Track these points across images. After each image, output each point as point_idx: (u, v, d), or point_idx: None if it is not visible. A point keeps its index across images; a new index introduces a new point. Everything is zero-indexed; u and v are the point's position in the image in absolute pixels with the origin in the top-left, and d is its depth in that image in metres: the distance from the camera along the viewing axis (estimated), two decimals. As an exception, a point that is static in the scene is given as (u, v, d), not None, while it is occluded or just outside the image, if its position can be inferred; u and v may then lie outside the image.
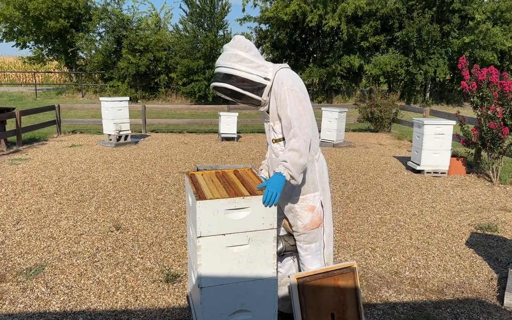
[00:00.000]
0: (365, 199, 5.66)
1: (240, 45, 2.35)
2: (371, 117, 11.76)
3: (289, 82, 2.30)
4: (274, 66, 2.40)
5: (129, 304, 3.05)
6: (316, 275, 2.38)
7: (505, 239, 4.38)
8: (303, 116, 2.27)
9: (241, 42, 2.36)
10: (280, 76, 2.33)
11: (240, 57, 2.31)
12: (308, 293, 2.35)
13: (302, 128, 2.25)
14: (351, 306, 2.46)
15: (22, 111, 9.35)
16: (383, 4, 19.85)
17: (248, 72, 2.29)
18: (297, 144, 2.22)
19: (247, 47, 2.35)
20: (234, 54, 2.31)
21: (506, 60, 21.69)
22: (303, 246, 2.48)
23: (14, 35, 22.84)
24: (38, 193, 5.64)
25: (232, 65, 2.29)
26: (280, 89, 2.29)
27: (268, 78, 2.33)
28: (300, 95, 2.30)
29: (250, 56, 2.33)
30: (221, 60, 2.35)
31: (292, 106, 2.26)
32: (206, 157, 8.24)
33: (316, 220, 2.45)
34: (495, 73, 6.40)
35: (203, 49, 19.47)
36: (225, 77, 2.30)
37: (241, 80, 2.29)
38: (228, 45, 2.38)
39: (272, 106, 2.38)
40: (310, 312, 2.34)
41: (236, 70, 2.28)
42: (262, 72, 2.33)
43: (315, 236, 2.48)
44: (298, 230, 2.46)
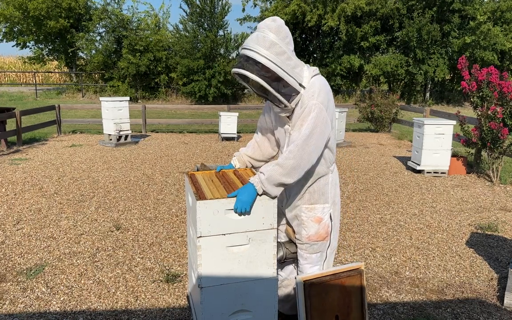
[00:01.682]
0: (365, 199, 5.66)
1: (282, 33, 1.98)
2: (371, 117, 11.76)
3: (321, 97, 2.03)
4: (308, 69, 2.12)
5: (129, 304, 3.05)
6: (323, 277, 2.35)
7: (505, 239, 4.38)
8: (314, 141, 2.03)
9: (283, 30, 1.99)
10: (313, 86, 2.07)
11: (281, 49, 1.96)
12: (314, 295, 2.33)
13: (304, 150, 2.01)
14: (356, 308, 2.44)
15: (22, 111, 9.35)
16: (383, 4, 19.85)
17: (285, 70, 1.98)
18: (288, 162, 2.02)
19: (288, 38, 2.00)
20: (274, 42, 1.95)
21: (506, 60, 21.69)
22: (303, 254, 2.39)
23: (14, 35, 22.84)
24: (38, 193, 5.64)
25: (270, 56, 1.93)
26: (309, 101, 2.03)
27: (303, 85, 2.05)
28: (324, 116, 2.04)
29: (290, 52, 2.01)
30: (254, 43, 1.96)
31: (310, 125, 2.01)
32: (206, 157, 8.23)
33: (322, 233, 2.32)
34: (495, 73, 6.40)
35: (203, 49, 19.47)
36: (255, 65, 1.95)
37: (274, 77, 1.99)
38: (266, 27, 1.98)
39: (296, 114, 2.12)
40: (315, 314, 2.33)
41: (274, 64, 1.94)
42: (298, 75, 2.04)
43: (318, 248, 2.36)
44: (302, 239, 2.35)
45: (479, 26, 19.27)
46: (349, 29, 19.65)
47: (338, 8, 19.16)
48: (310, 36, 22.47)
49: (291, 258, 2.48)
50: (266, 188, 2.03)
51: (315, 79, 2.11)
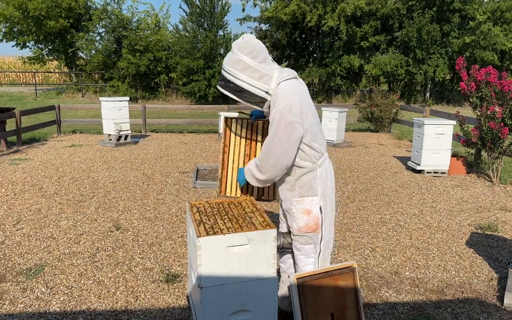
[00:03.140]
0: (365, 199, 5.66)
1: (247, 48, 2.22)
2: (371, 117, 11.76)
3: (282, 104, 2.19)
4: (279, 74, 2.27)
5: (129, 304, 3.05)
6: (316, 275, 2.38)
7: (505, 239, 4.38)
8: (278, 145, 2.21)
9: (249, 45, 2.23)
10: (278, 91, 2.24)
11: (244, 64, 2.21)
12: (308, 293, 2.34)
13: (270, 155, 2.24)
14: (351, 306, 2.46)
15: (22, 111, 9.35)
16: (383, 4, 19.85)
17: (249, 83, 2.22)
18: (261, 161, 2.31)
19: (254, 52, 2.23)
20: (238, 59, 2.21)
21: (506, 60, 21.70)
22: (297, 245, 2.49)
23: (14, 35, 22.85)
24: (38, 193, 5.64)
25: (234, 72, 2.21)
26: (271, 109, 2.27)
27: (269, 92, 2.24)
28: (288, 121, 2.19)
29: (256, 64, 2.22)
30: (225, 62, 2.26)
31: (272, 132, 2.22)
32: (206, 157, 8.24)
33: (312, 224, 2.40)
34: (494, 73, 6.40)
35: (203, 49, 19.47)
36: (226, 82, 2.26)
37: (239, 89, 2.24)
38: (236, 47, 2.25)
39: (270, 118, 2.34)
40: (309, 312, 2.34)
41: (237, 79, 2.22)
42: (265, 84, 2.23)
43: (309, 239, 2.43)
44: (293, 231, 2.46)
45: (479, 26, 19.28)
46: (349, 29, 19.65)
47: (338, 8, 19.16)
48: (310, 36, 22.48)
49: (288, 248, 2.57)
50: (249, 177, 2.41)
51: (281, 85, 2.24)
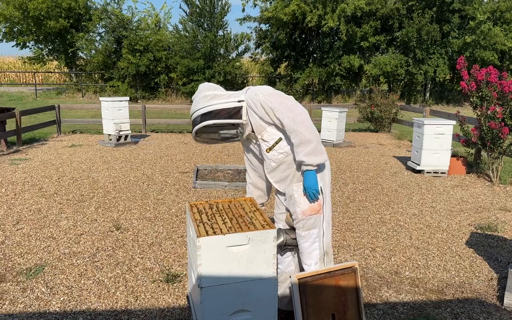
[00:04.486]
0: (365, 199, 5.66)
1: (206, 88, 2.55)
2: (371, 117, 11.76)
3: (262, 91, 2.48)
4: (242, 90, 2.57)
5: (129, 304, 3.05)
6: (317, 275, 2.38)
7: (505, 239, 4.38)
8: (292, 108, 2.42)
9: (206, 86, 2.57)
10: (250, 93, 2.50)
11: (210, 95, 2.49)
12: (309, 293, 2.34)
13: (295, 119, 2.39)
14: (352, 306, 2.46)
15: (22, 111, 9.35)
16: (383, 4, 19.84)
17: (221, 102, 2.47)
18: (298, 137, 2.38)
19: (213, 87, 2.56)
20: (203, 96, 2.49)
21: (506, 60, 21.70)
22: (301, 233, 2.51)
23: (14, 35, 22.81)
24: (38, 193, 5.64)
25: (205, 104, 2.45)
26: (256, 100, 2.45)
27: (241, 99, 2.49)
28: (275, 92, 2.48)
29: (219, 92, 2.53)
30: (193, 108, 2.50)
31: (278, 108, 2.41)
32: (206, 157, 8.24)
33: (315, 206, 2.49)
34: (494, 73, 6.40)
35: (203, 49, 19.47)
36: (202, 117, 2.45)
37: (217, 112, 2.45)
38: (197, 94, 2.56)
39: (254, 121, 2.49)
40: (311, 312, 2.34)
41: (211, 106, 2.45)
42: (234, 97, 2.51)
43: (314, 222, 2.51)
44: (297, 217, 2.50)
45: (479, 26, 19.28)
46: (349, 29, 19.63)
47: (338, 8, 19.15)
48: (310, 36, 22.46)
49: (291, 244, 2.58)
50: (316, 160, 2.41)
51: (249, 90, 2.54)
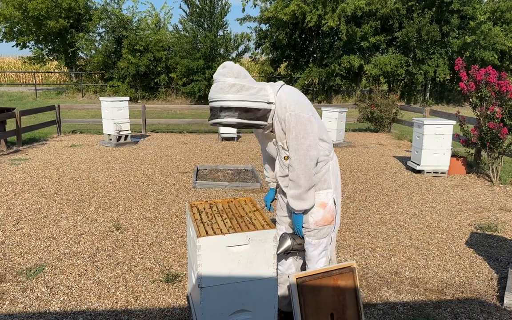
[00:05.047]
0: (365, 199, 5.66)
1: (234, 72, 2.22)
2: (371, 117, 11.76)
3: (291, 106, 2.25)
4: (272, 86, 2.32)
5: (129, 304, 3.05)
6: (315, 275, 2.38)
7: (505, 239, 4.38)
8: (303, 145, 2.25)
9: (234, 69, 2.23)
10: (281, 98, 2.28)
11: (238, 86, 2.19)
12: (308, 293, 2.35)
13: (300, 158, 2.25)
14: (350, 306, 2.46)
15: (22, 111, 9.34)
16: (383, 4, 19.85)
17: (251, 100, 2.20)
18: (293, 175, 2.29)
19: (241, 74, 2.23)
20: (230, 84, 2.18)
21: (506, 60, 21.70)
22: (312, 241, 2.48)
23: (14, 35, 22.81)
24: (38, 193, 5.64)
25: (231, 97, 2.17)
26: (283, 114, 2.25)
27: (271, 102, 2.27)
28: (303, 119, 2.25)
29: (247, 82, 2.23)
30: (216, 93, 2.20)
31: (293, 134, 2.25)
32: (206, 157, 8.24)
33: (328, 217, 2.45)
34: (493, 73, 6.40)
35: (203, 49, 19.47)
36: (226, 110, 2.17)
37: (245, 110, 2.19)
38: (221, 75, 2.23)
39: (277, 128, 2.33)
40: (309, 312, 2.34)
41: (239, 101, 2.17)
42: (264, 96, 2.25)
43: (326, 232, 2.49)
44: (310, 226, 2.46)
45: (479, 26, 19.28)
46: (349, 29, 19.64)
47: (338, 8, 19.16)
48: (310, 36, 22.47)
49: (296, 249, 2.54)
50: (298, 206, 2.34)
51: (281, 92, 2.31)
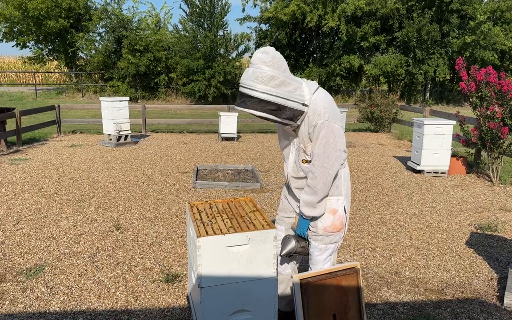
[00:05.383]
0: (365, 199, 5.66)
1: (275, 62, 2.07)
2: (371, 117, 11.76)
3: (326, 114, 2.15)
4: (308, 86, 2.20)
5: (129, 304, 3.05)
6: (319, 275, 2.36)
7: (505, 239, 4.38)
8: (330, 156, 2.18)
9: (277, 59, 2.08)
10: (317, 103, 2.17)
11: (279, 79, 2.05)
12: (311, 294, 2.33)
13: (324, 168, 2.19)
14: (353, 307, 2.45)
15: (22, 111, 9.35)
16: (383, 4, 19.86)
17: (287, 98, 2.08)
18: (313, 182, 2.23)
19: (283, 66, 2.10)
20: (270, 76, 2.04)
21: (506, 60, 21.70)
22: (319, 246, 2.43)
23: (14, 35, 22.82)
24: (38, 193, 5.64)
25: (270, 90, 2.03)
26: (316, 120, 2.16)
27: (306, 104, 2.15)
28: (335, 130, 2.17)
29: (288, 77, 2.09)
30: (252, 81, 2.04)
31: (321, 143, 2.16)
32: (206, 157, 8.24)
33: (337, 224, 2.40)
34: (494, 73, 6.40)
35: (203, 49, 19.47)
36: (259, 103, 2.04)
37: (280, 107, 2.08)
38: (261, 62, 2.07)
39: (303, 130, 2.24)
40: (312, 313, 2.33)
41: (274, 96, 2.04)
42: (300, 96, 2.13)
43: (334, 238, 2.43)
44: (318, 231, 2.40)
45: (479, 26, 19.28)
46: (349, 29, 19.65)
47: (338, 8, 19.17)
48: (310, 36, 22.48)
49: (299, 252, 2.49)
50: (309, 212, 2.30)
51: (316, 95, 2.20)
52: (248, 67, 2.14)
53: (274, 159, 8.14)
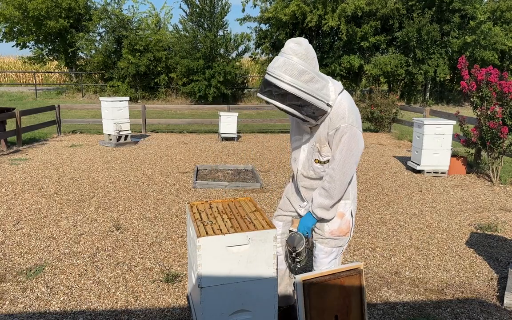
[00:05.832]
0: (365, 199, 5.66)
1: (309, 57, 2.01)
2: (371, 117, 11.77)
3: (351, 118, 2.12)
4: (334, 85, 2.15)
5: (129, 304, 3.05)
6: (322, 276, 2.35)
7: (505, 239, 4.38)
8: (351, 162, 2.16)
9: (310, 53, 2.01)
10: (341, 105, 2.13)
11: (310, 75, 1.99)
12: (314, 295, 2.33)
13: (344, 173, 2.16)
14: (355, 308, 2.44)
15: (22, 111, 9.35)
16: (383, 4, 19.85)
17: (314, 96, 2.01)
18: (330, 186, 2.19)
19: (314, 61, 2.04)
20: (303, 70, 1.97)
21: (506, 59, 21.70)
22: (324, 248, 2.42)
23: (14, 35, 22.81)
24: (38, 193, 5.64)
25: (299, 85, 1.97)
26: (339, 123, 2.11)
27: (330, 104, 2.10)
28: (358, 135, 2.14)
29: (317, 74, 2.04)
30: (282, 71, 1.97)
31: (344, 149, 2.13)
32: (206, 157, 8.24)
33: (344, 228, 2.39)
34: (494, 73, 6.39)
35: (203, 49, 19.46)
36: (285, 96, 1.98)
37: (305, 104, 2.02)
38: (293, 53, 1.99)
39: (322, 131, 2.19)
40: (314, 314, 2.32)
41: (302, 91, 1.98)
42: (326, 96, 2.07)
43: (339, 242, 2.43)
44: (324, 234, 2.39)
45: (479, 26, 19.28)
46: (349, 29, 19.65)
47: (339, 8, 19.17)
48: (310, 36, 22.46)
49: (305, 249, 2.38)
50: (321, 214, 2.27)
51: (341, 97, 2.15)
52: (277, 56, 2.06)
53: (274, 159, 8.14)
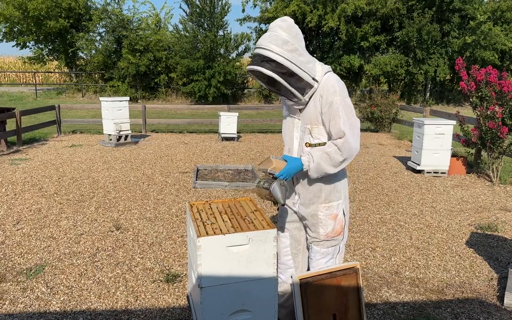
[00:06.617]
0: (365, 199, 5.66)
1: (292, 31, 2.09)
2: (371, 117, 11.76)
3: (343, 92, 2.16)
4: (321, 65, 2.21)
5: (129, 304, 3.05)
6: (319, 275, 2.37)
7: (505, 239, 4.38)
8: (355, 130, 2.17)
9: (294, 29, 2.11)
10: (330, 81, 2.16)
11: (293, 46, 2.06)
12: (311, 294, 2.34)
13: (354, 141, 2.15)
14: (353, 307, 2.45)
15: (22, 111, 9.35)
16: (383, 4, 19.85)
17: (298, 66, 2.07)
18: (337, 157, 2.15)
19: (298, 36, 2.12)
20: (285, 40, 2.05)
21: (506, 60, 21.69)
22: (320, 250, 2.42)
23: (14, 35, 22.82)
24: (38, 193, 5.64)
25: (283, 53, 2.03)
26: (331, 98, 2.13)
27: (316, 79, 2.14)
28: (350, 104, 2.18)
29: (302, 48, 2.11)
30: (267, 42, 2.06)
31: (346, 119, 2.13)
32: (206, 157, 8.23)
33: (338, 228, 2.40)
34: (494, 73, 6.39)
35: (203, 49, 19.46)
36: (270, 62, 2.04)
37: (290, 73, 2.08)
38: (278, 27, 2.10)
39: (312, 110, 2.21)
40: (311, 313, 2.34)
41: (285, 59, 2.03)
42: (311, 70, 2.13)
43: (334, 242, 2.43)
44: (319, 237, 2.39)
45: (479, 26, 19.28)
46: (349, 29, 19.65)
47: (339, 8, 19.17)
48: (310, 36, 22.47)
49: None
50: (312, 172, 2.20)
51: (330, 74, 2.20)
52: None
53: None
